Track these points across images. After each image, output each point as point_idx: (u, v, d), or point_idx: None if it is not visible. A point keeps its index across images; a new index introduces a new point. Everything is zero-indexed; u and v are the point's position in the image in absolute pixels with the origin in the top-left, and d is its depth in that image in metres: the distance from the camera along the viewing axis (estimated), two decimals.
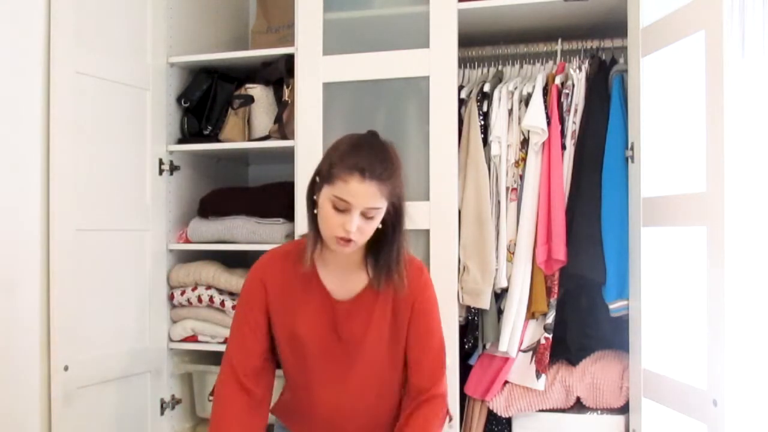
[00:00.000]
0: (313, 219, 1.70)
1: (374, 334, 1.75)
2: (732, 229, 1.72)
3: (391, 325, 1.77)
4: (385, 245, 1.71)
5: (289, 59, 2.44)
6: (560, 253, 2.22)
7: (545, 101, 2.30)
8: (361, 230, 1.62)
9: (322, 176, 1.65)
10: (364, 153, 1.61)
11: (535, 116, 2.26)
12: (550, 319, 2.27)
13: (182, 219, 2.65)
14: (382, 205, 1.62)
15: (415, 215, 2.03)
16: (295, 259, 1.76)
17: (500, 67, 2.52)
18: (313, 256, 1.72)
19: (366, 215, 1.61)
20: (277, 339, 1.81)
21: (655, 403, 2.02)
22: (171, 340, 2.57)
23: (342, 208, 1.60)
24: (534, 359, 2.29)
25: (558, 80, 2.32)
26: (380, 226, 1.68)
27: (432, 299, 1.82)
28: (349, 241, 1.62)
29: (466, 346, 2.38)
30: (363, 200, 1.59)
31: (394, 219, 1.69)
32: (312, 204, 1.70)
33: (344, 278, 1.77)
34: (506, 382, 2.31)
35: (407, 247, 1.75)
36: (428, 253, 2.24)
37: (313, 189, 1.70)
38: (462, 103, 2.39)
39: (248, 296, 1.80)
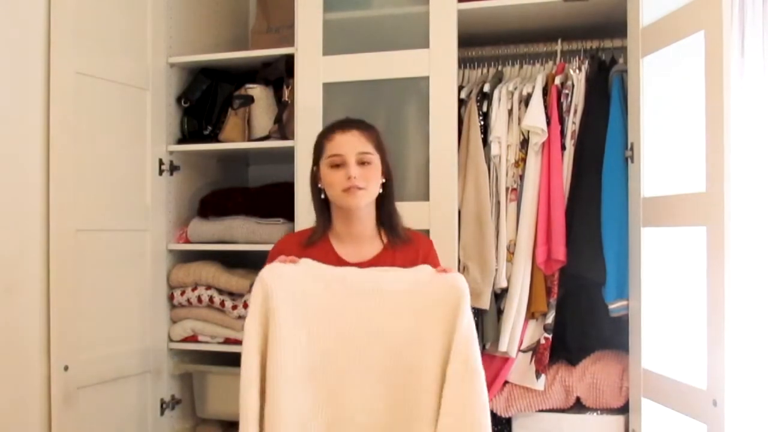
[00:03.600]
0: (320, 205, 1.85)
1: None
2: (732, 229, 1.72)
3: None
4: (387, 203, 1.86)
5: (289, 59, 2.44)
6: (560, 253, 2.22)
7: (545, 101, 2.30)
8: (364, 177, 1.76)
9: (316, 155, 1.84)
10: (340, 119, 1.87)
11: (535, 116, 2.26)
12: (550, 319, 2.27)
13: (182, 219, 2.65)
14: (372, 151, 1.79)
15: (415, 215, 2.04)
16: (309, 236, 1.87)
17: (500, 68, 2.52)
18: (327, 233, 1.84)
19: (361, 161, 1.77)
20: None
21: (655, 403, 2.02)
22: (171, 340, 2.57)
23: (338, 162, 1.76)
24: (534, 359, 2.29)
25: (558, 80, 2.32)
26: (383, 180, 1.81)
27: (436, 255, 1.94)
28: (355, 188, 1.74)
29: None
30: (351, 146, 1.77)
31: (388, 182, 1.84)
32: (318, 192, 1.84)
33: (358, 248, 1.85)
34: (506, 382, 2.32)
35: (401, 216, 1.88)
36: None
37: (315, 177, 1.85)
38: (462, 103, 2.39)
39: None
